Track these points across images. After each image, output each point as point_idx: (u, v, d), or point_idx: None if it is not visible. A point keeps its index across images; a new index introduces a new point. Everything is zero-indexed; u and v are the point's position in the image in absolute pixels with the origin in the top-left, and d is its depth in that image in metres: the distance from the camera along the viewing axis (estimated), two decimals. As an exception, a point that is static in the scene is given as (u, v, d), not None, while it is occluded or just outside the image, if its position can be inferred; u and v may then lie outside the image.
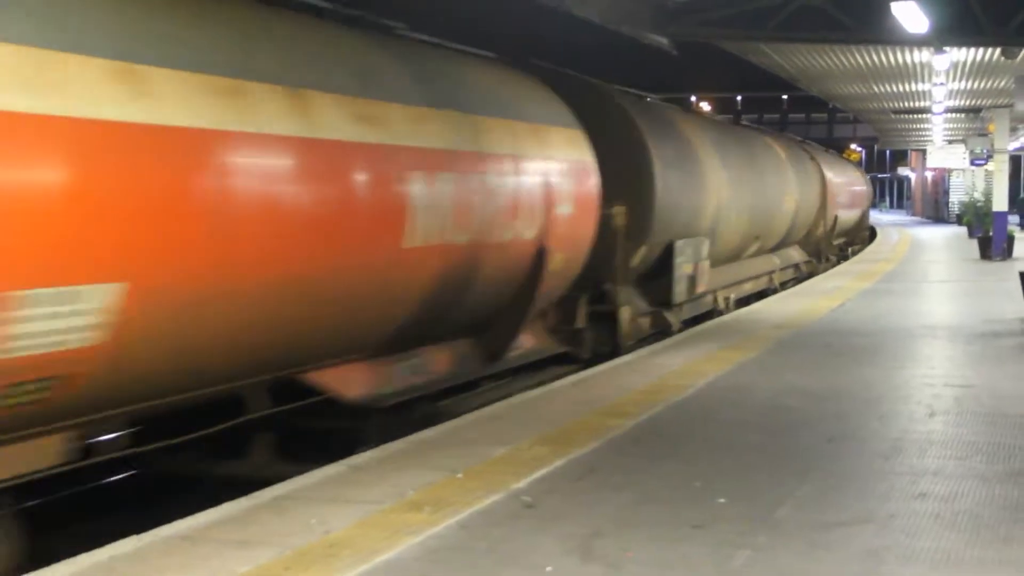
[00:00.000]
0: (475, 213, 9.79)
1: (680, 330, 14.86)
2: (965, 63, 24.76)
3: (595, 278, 13.07)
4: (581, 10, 16.17)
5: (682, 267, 15.08)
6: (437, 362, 10.18)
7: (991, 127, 32.52)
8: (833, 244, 30.58)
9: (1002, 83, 27.48)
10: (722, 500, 6.25)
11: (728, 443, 7.79)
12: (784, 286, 22.57)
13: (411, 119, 9.07)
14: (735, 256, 19.61)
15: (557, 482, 6.66)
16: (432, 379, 9.92)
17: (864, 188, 40.56)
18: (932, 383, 10.25)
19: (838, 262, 29.75)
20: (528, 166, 10.93)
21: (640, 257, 14.02)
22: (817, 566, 5.19)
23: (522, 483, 6.58)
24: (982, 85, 28.88)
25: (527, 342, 11.80)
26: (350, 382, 8.79)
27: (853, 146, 66.89)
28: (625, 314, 13.61)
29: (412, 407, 9.50)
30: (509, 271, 10.66)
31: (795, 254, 25.80)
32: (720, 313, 17.35)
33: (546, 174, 11.24)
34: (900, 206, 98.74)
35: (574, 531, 5.68)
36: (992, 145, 33.26)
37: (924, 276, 23.69)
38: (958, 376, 10.74)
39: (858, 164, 54.49)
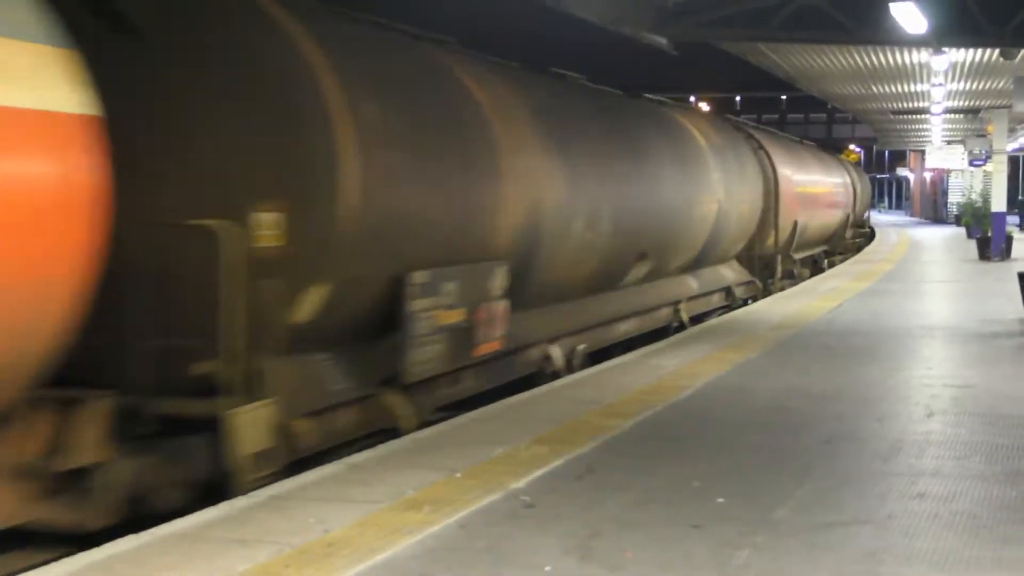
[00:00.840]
0: None
1: (437, 420, 8.73)
2: (964, 64, 24.81)
3: (174, 355, 7.03)
4: (580, 10, 16.20)
5: (429, 317, 8.79)
6: None
7: (990, 128, 32.60)
8: (793, 258, 23.68)
9: (1001, 84, 27.52)
10: (721, 500, 6.25)
11: (727, 443, 7.79)
12: (704, 318, 16.88)
13: None
14: (601, 285, 13.17)
15: (556, 482, 6.66)
16: None
17: (850, 186, 33.10)
18: (931, 384, 10.25)
19: (812, 275, 24.71)
20: None
21: (316, 305, 7.69)
22: (816, 566, 5.19)
23: (521, 483, 6.57)
24: (981, 86, 28.92)
25: None
26: None
27: (852, 146, 67.01)
28: (245, 421, 7.08)
29: None
30: None
31: (728, 274, 19.31)
32: (556, 376, 11.15)
33: None
34: (899, 207, 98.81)
35: (573, 531, 5.68)
36: (991, 146, 33.33)
37: (923, 277, 23.69)
38: (957, 377, 10.74)
39: (856, 163, 54.44)
